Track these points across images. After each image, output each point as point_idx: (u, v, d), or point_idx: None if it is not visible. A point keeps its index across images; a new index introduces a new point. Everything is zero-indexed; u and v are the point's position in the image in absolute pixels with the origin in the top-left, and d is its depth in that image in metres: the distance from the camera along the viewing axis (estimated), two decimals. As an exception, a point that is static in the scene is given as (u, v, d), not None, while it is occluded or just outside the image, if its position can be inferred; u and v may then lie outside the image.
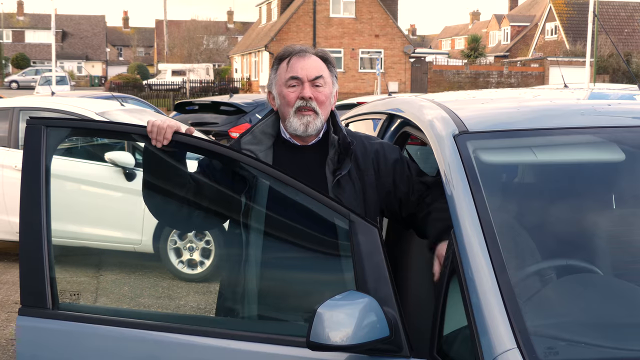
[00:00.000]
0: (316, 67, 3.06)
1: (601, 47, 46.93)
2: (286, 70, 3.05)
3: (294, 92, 3.03)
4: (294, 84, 3.03)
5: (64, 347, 2.81)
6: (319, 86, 3.04)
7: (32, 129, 2.83)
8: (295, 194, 2.74)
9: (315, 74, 3.04)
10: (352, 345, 2.29)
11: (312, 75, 3.03)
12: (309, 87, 3.02)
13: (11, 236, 8.64)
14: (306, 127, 3.02)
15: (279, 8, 50.92)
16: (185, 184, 2.92)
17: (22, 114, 8.87)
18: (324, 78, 3.06)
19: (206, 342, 2.65)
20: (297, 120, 3.01)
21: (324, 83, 3.05)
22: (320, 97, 3.03)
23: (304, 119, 3.01)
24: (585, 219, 2.86)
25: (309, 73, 3.03)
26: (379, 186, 3.07)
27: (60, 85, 36.92)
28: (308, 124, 3.01)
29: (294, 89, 3.03)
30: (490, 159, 2.84)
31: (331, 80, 3.11)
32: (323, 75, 3.06)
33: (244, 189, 2.91)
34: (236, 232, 2.97)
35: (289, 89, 3.03)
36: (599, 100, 3.75)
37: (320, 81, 3.04)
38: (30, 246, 2.78)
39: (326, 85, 3.06)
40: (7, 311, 7.16)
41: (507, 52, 68.87)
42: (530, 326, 2.22)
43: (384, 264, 2.49)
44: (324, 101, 3.04)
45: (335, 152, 3.03)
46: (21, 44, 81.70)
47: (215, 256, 7.72)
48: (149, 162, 2.92)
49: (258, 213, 2.93)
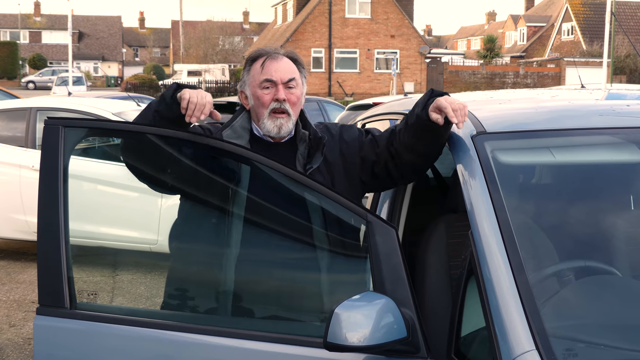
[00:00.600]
0: (289, 69, 3.15)
1: (618, 47, 46.71)
2: (260, 73, 3.14)
3: (268, 94, 3.11)
4: (267, 86, 3.12)
5: (81, 347, 2.82)
6: (292, 88, 3.14)
7: (50, 129, 2.84)
8: (311, 194, 2.76)
9: (289, 76, 3.13)
10: (370, 346, 2.29)
11: (285, 78, 3.12)
12: (283, 89, 3.11)
13: (29, 236, 8.67)
14: (279, 130, 3.11)
15: (294, 9, 50.94)
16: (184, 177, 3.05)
17: (39, 114, 8.90)
18: (296, 80, 3.16)
19: (222, 342, 2.65)
20: (271, 122, 3.11)
21: (296, 85, 3.16)
22: (293, 98, 3.13)
23: (277, 121, 3.10)
24: (603, 220, 2.85)
25: (282, 76, 3.12)
26: (350, 170, 3.16)
27: (76, 85, 37.06)
28: (281, 126, 3.11)
29: (268, 90, 3.12)
30: (508, 160, 2.83)
31: (301, 81, 3.21)
32: (295, 78, 3.16)
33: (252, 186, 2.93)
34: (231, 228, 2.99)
35: (264, 91, 3.12)
36: (617, 100, 3.73)
37: (293, 83, 3.14)
38: (48, 246, 2.78)
39: (298, 87, 3.17)
40: (24, 310, 7.19)
41: (524, 52, 68.64)
42: (548, 328, 2.21)
43: (402, 264, 2.48)
44: (295, 102, 3.14)
45: (305, 146, 3.13)
46: (38, 45, 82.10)
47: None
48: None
49: (271, 212, 2.94)
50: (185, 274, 3.10)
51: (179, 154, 3.00)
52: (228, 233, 2.98)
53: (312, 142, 3.13)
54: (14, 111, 9.26)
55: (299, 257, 3.00)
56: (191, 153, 2.98)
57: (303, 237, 2.95)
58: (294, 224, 2.93)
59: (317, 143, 3.12)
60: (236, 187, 2.96)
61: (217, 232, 3.02)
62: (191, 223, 3.13)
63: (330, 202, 2.73)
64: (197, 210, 3.15)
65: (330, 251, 2.94)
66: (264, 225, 3.00)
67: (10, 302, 7.47)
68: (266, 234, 3.01)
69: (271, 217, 2.95)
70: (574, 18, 59.89)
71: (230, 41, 66.85)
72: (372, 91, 45.74)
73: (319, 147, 3.12)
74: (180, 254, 3.25)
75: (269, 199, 2.91)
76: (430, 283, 3.06)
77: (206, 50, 63.95)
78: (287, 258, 2.99)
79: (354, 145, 3.19)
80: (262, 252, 2.97)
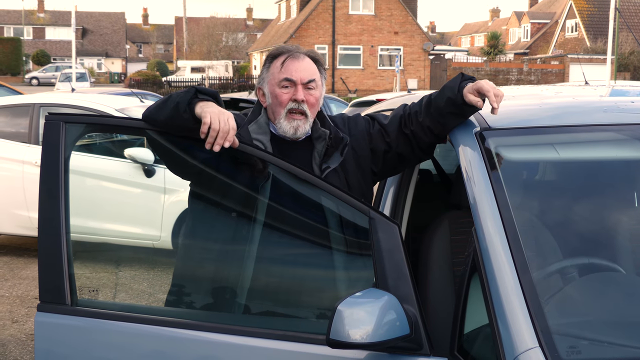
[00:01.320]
0: (309, 70, 3.09)
1: (622, 44, 46.66)
2: (280, 71, 3.08)
3: (286, 94, 3.06)
4: (286, 85, 3.06)
5: (81, 343, 2.81)
6: (311, 89, 3.08)
7: (51, 124, 2.83)
8: (314, 191, 2.75)
9: (309, 77, 3.07)
10: (372, 343, 2.28)
11: (305, 79, 3.06)
12: (302, 90, 3.05)
13: (31, 232, 8.67)
14: (295, 131, 3.06)
15: (298, 5, 50.93)
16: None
17: (42, 110, 8.89)
18: (316, 81, 3.10)
19: (224, 339, 2.65)
20: (287, 123, 3.05)
21: (315, 86, 3.10)
22: (312, 99, 3.07)
23: (293, 122, 3.05)
24: (607, 217, 2.84)
25: (302, 76, 3.06)
26: (361, 163, 3.13)
27: (80, 81, 37.10)
28: (297, 128, 3.06)
29: (286, 90, 3.06)
30: (512, 156, 2.83)
31: (321, 82, 3.15)
32: (315, 79, 3.10)
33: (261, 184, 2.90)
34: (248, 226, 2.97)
35: (282, 90, 3.07)
36: (621, 97, 3.71)
37: (313, 84, 3.09)
38: (49, 242, 2.78)
39: (317, 89, 3.11)
40: (27, 306, 7.19)
41: (527, 49, 68.61)
42: (552, 325, 2.20)
43: (404, 261, 2.47)
44: (314, 104, 3.08)
45: (323, 145, 3.08)
46: (41, 41, 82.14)
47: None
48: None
49: (275, 209, 2.92)
50: (194, 271, 3.07)
51: (193, 151, 2.91)
52: (240, 232, 2.97)
53: (333, 142, 3.08)
54: (17, 107, 9.26)
55: (306, 255, 2.99)
56: (208, 152, 2.88)
57: (312, 236, 2.93)
58: (303, 224, 2.90)
59: (338, 143, 3.08)
60: (252, 187, 2.92)
61: (230, 231, 2.99)
62: (204, 221, 3.10)
63: (331, 198, 2.71)
64: (207, 208, 3.11)
65: (337, 249, 2.92)
66: (276, 226, 2.97)
67: (13, 298, 7.48)
68: (278, 233, 2.98)
69: (284, 218, 2.92)
70: (578, 15, 59.81)
71: (233, 37, 66.91)
72: (376, 88, 45.72)
73: (339, 147, 3.07)
74: (189, 250, 3.18)
75: (282, 200, 2.89)
76: (434, 280, 3.05)
77: (209, 47, 63.99)
78: (295, 256, 2.98)
79: (363, 138, 3.16)
80: (274, 251, 2.96)
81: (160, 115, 2.76)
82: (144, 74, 54.25)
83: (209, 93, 2.78)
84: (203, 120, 2.66)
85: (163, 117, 2.74)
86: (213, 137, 2.65)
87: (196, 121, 2.69)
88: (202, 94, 2.75)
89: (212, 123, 2.65)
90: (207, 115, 2.66)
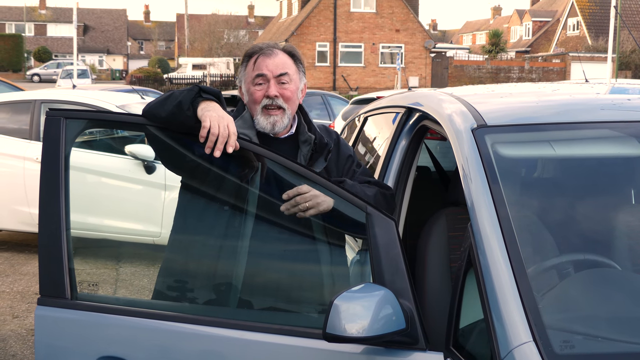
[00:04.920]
0: (282, 64, 3.12)
1: (623, 43, 46.62)
2: (252, 69, 3.12)
3: (260, 91, 3.10)
4: (260, 82, 3.10)
5: (81, 337, 2.83)
6: (285, 83, 3.11)
7: (52, 120, 2.85)
8: (313, 186, 2.77)
9: (280, 70, 3.11)
10: (368, 337, 2.30)
11: (277, 72, 3.10)
12: (275, 85, 3.09)
13: (32, 228, 8.68)
14: (273, 126, 3.09)
15: (299, 2, 50.88)
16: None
17: (43, 107, 8.91)
18: (290, 75, 3.13)
19: (223, 333, 2.66)
20: (264, 119, 3.09)
21: (289, 80, 3.12)
22: (286, 93, 3.11)
23: (270, 118, 3.09)
24: (604, 214, 2.84)
25: (274, 70, 3.09)
26: (332, 175, 3.18)
27: (81, 78, 37.04)
28: (275, 123, 3.09)
29: (260, 87, 3.10)
30: (508, 153, 2.83)
31: (298, 76, 3.18)
32: (289, 72, 3.12)
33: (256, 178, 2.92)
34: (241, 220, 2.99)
35: (256, 87, 3.11)
36: (618, 94, 3.73)
37: (286, 78, 3.11)
38: (49, 236, 2.80)
39: (292, 82, 3.13)
40: (27, 302, 7.21)
41: (529, 47, 68.55)
42: (546, 320, 2.21)
43: (401, 256, 2.49)
44: (290, 97, 3.11)
45: (309, 150, 3.12)
46: (43, 38, 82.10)
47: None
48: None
49: (270, 203, 2.93)
50: (185, 265, 3.08)
51: (188, 145, 2.93)
52: (234, 226, 2.98)
53: (317, 147, 3.12)
54: (18, 103, 9.27)
55: (302, 250, 3.01)
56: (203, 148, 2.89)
57: (306, 231, 2.96)
58: (300, 218, 2.90)
59: (322, 148, 3.12)
60: (248, 182, 2.93)
61: (221, 224, 3.00)
62: (193, 214, 3.11)
63: (329, 193, 2.74)
64: (201, 202, 3.12)
65: (331, 244, 2.95)
66: (270, 219, 2.98)
67: (14, 293, 7.50)
68: (271, 227, 3.00)
69: (277, 211, 2.92)
70: (579, 13, 59.76)
71: (235, 35, 66.79)
72: (377, 85, 45.72)
73: (323, 153, 3.12)
74: (178, 244, 3.17)
75: (275, 193, 2.91)
76: (430, 275, 3.07)
77: (211, 44, 63.91)
78: (291, 251, 3.00)
79: (342, 163, 3.22)
80: (267, 245, 2.97)
81: (162, 112, 2.77)
82: (145, 71, 54.29)
83: (212, 92, 2.80)
84: (203, 123, 2.68)
85: (164, 114, 2.75)
86: (212, 142, 2.67)
87: (197, 120, 2.71)
88: (205, 93, 2.78)
89: (211, 127, 2.67)
90: (207, 120, 2.69)
